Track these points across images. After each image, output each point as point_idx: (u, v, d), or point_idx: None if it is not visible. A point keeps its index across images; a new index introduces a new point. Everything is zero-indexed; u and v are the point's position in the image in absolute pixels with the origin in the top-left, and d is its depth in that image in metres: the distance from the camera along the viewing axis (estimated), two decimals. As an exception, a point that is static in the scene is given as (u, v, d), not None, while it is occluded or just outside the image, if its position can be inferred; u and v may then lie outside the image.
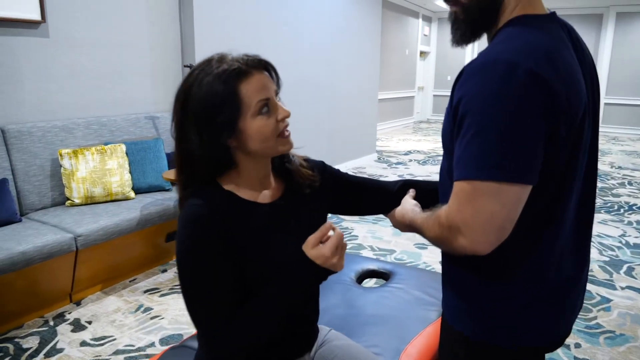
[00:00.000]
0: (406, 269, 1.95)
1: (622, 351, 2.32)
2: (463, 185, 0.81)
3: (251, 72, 0.96)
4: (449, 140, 0.90)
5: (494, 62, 0.79)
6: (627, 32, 10.72)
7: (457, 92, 0.85)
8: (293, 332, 1.12)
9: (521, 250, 0.88)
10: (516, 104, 0.77)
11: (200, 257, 0.93)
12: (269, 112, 0.97)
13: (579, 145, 0.87)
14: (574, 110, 0.82)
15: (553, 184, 0.85)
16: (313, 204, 1.13)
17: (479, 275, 0.93)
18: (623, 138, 10.48)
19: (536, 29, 0.86)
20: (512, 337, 0.93)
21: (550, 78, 0.78)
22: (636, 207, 4.90)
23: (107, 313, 2.62)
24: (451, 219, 0.82)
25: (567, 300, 0.96)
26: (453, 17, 0.96)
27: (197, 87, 0.94)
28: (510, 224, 0.81)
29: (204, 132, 0.95)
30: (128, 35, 3.52)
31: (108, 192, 3.04)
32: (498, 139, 0.77)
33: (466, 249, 0.82)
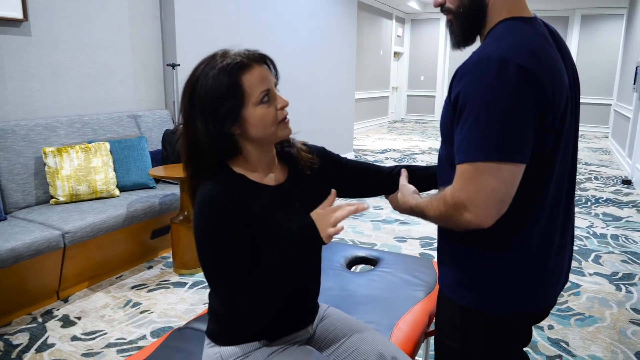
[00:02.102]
0: (393, 255, 2.05)
1: (591, 331, 2.48)
2: (466, 167, 0.91)
3: (252, 65, 1.06)
4: (447, 130, 1.01)
5: (487, 59, 0.90)
6: (592, 34, 11.14)
7: (455, 87, 0.96)
8: (298, 306, 1.21)
9: (514, 223, 0.99)
10: (509, 95, 0.88)
11: (217, 231, 1.02)
12: (269, 101, 1.07)
13: (562, 131, 0.99)
14: (558, 100, 0.94)
15: (541, 164, 0.97)
16: (315, 186, 1.23)
17: (474, 249, 1.03)
18: (589, 136, 10.89)
19: (522, 29, 0.97)
20: (503, 305, 1.04)
21: (536, 72, 0.90)
22: (602, 200, 5.14)
23: (95, 309, 2.65)
24: (456, 197, 0.93)
25: (553, 271, 1.07)
26: (449, 24, 1.08)
27: (204, 80, 1.04)
28: (509, 198, 0.92)
29: (210, 120, 1.04)
30: (110, 34, 3.54)
31: (93, 190, 3.05)
32: (495, 126, 0.88)
33: (471, 223, 0.92)
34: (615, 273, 3.22)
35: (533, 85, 0.89)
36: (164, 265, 3.24)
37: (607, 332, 2.47)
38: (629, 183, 5.92)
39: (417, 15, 13.06)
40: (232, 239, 1.03)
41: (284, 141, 1.23)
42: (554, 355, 2.25)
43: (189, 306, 2.68)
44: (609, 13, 10.93)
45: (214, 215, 1.02)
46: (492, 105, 0.89)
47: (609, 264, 3.36)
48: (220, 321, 1.15)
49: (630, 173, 6.19)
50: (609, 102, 10.98)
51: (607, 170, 6.89)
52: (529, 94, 0.89)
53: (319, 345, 1.26)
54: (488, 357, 1.09)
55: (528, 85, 0.89)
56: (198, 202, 1.04)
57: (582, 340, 2.38)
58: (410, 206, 1.13)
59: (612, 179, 6.28)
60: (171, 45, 3.92)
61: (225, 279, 1.02)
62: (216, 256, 1.02)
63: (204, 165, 1.08)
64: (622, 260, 3.45)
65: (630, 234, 4.04)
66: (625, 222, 4.36)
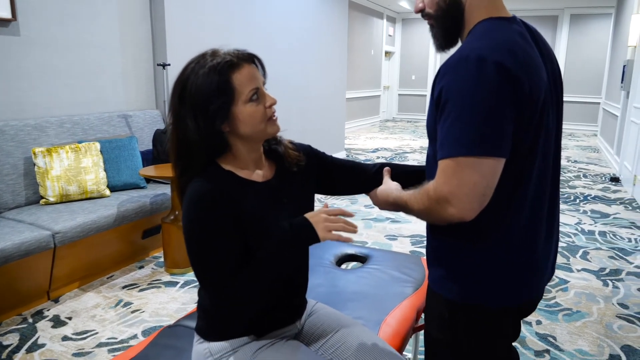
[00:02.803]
0: (382, 252, 2.07)
1: (578, 326, 2.52)
2: (448, 162, 0.94)
3: (242, 64, 1.08)
4: (433, 130, 1.04)
5: (466, 57, 0.93)
6: (581, 33, 11.24)
7: (437, 85, 0.98)
8: (286, 301, 1.22)
9: (495, 217, 1.01)
10: (488, 92, 0.91)
11: (207, 226, 1.03)
12: (258, 99, 1.10)
13: (541, 126, 1.01)
14: (536, 96, 0.96)
15: (521, 159, 0.99)
16: (301, 183, 1.26)
17: (459, 243, 1.06)
18: (578, 134, 10.99)
19: (500, 28, 1.00)
20: (489, 297, 1.06)
21: (514, 68, 0.92)
22: (590, 198, 5.20)
23: (86, 309, 2.64)
24: (439, 191, 0.95)
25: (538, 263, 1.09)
26: (431, 28, 1.12)
27: (194, 78, 1.06)
28: (490, 192, 0.95)
29: (200, 118, 1.06)
30: (99, 34, 3.53)
31: (83, 190, 3.05)
32: (475, 121, 0.91)
33: (454, 216, 0.94)
34: (603, 269, 3.26)
35: (510, 81, 0.92)
36: (155, 264, 3.24)
37: (594, 326, 2.51)
38: (617, 180, 5.99)
39: (408, 14, 13.11)
40: (221, 236, 1.04)
41: (271, 139, 1.26)
42: (541, 350, 2.29)
43: (180, 305, 2.68)
44: (598, 12, 11.04)
45: (204, 212, 1.03)
46: (471, 102, 0.91)
47: (596, 260, 3.41)
48: (209, 317, 1.17)
49: (618, 171, 6.26)
50: (598, 100, 11.09)
51: (596, 168, 6.97)
52: (507, 89, 0.91)
53: (306, 340, 1.27)
54: (476, 350, 1.11)
55: (505, 82, 0.91)
56: (187, 199, 1.06)
57: (570, 335, 2.42)
58: (394, 198, 1.14)
59: (601, 176, 6.35)
60: (161, 45, 3.92)
61: (214, 276, 1.04)
62: (205, 253, 1.04)
63: (194, 163, 1.10)
64: (610, 256, 3.50)
65: (617, 230, 4.09)
66: (612, 219, 4.41)
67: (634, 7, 6.36)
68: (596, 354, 2.26)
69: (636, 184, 5.10)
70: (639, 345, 2.34)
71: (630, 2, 6.77)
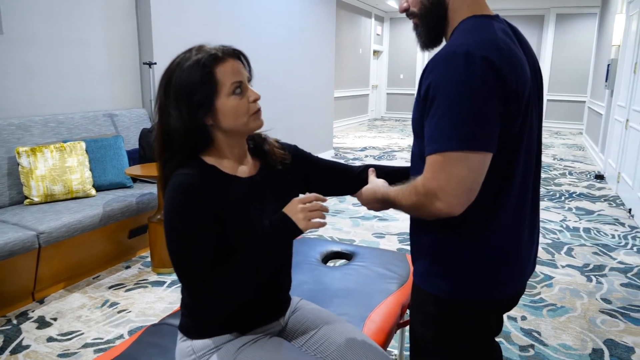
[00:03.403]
0: (367, 249, 2.08)
1: (562, 321, 2.55)
2: (436, 157, 0.95)
3: (226, 58, 1.10)
4: (419, 127, 1.05)
5: (453, 53, 0.94)
6: (566, 33, 11.37)
7: (424, 81, 0.99)
8: (269, 298, 1.23)
9: (482, 212, 1.03)
10: (475, 87, 0.92)
11: (189, 218, 1.04)
12: (241, 93, 1.11)
13: (525, 122, 1.03)
14: (521, 91, 0.98)
15: (507, 153, 1.01)
16: (286, 181, 1.26)
17: (444, 238, 1.07)
18: (564, 132, 11.11)
19: (484, 26, 1.01)
20: (473, 292, 1.07)
21: (499, 63, 0.94)
22: (575, 195, 5.26)
23: (72, 309, 2.62)
24: (427, 186, 0.96)
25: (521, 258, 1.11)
26: (415, 27, 1.13)
27: (179, 71, 1.08)
28: (477, 187, 0.96)
29: (184, 108, 1.07)
30: (84, 32, 3.50)
31: (68, 190, 3.02)
32: (462, 116, 0.92)
33: (442, 211, 0.95)
34: (587, 265, 3.30)
35: (497, 76, 0.93)
36: (142, 264, 3.22)
37: (577, 321, 2.54)
38: (601, 178, 6.07)
39: (396, 14, 13.15)
40: (204, 229, 1.04)
41: (257, 136, 1.27)
42: (526, 345, 2.31)
43: (167, 305, 2.67)
44: (583, 12, 11.16)
45: (188, 204, 1.04)
46: (459, 97, 0.92)
47: (580, 256, 3.45)
48: (192, 314, 1.17)
49: (603, 168, 6.35)
50: (583, 99, 11.22)
51: (581, 165, 7.05)
52: (494, 84, 0.93)
53: (290, 336, 1.28)
54: (461, 345, 1.12)
55: (492, 77, 0.92)
56: (171, 189, 1.05)
57: (554, 330, 2.45)
58: (381, 194, 1.15)
59: (586, 174, 6.43)
60: (147, 44, 3.89)
61: (195, 270, 1.04)
62: (188, 246, 1.04)
63: (176, 154, 1.11)
64: (594, 252, 3.54)
65: (601, 227, 4.15)
66: (597, 216, 4.47)
67: (617, 7, 6.44)
68: (579, 348, 2.29)
69: (620, 182, 5.17)
70: (621, 339, 2.38)
71: (615, 2, 6.86)
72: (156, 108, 1.12)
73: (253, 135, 1.28)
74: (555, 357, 2.22)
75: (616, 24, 6.18)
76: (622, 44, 5.88)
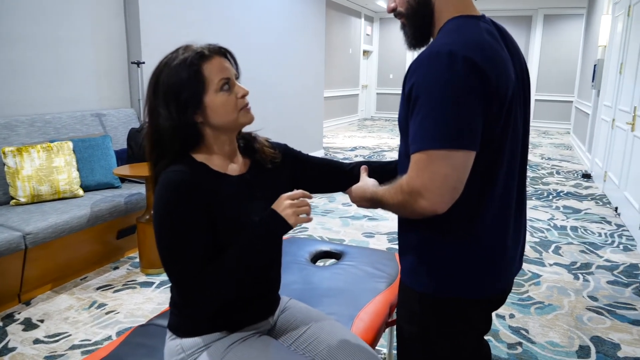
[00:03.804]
0: (356, 248, 2.09)
1: (550, 318, 2.57)
2: (420, 155, 0.95)
3: (212, 55, 1.11)
4: (405, 126, 1.05)
5: (437, 53, 0.95)
6: (554, 33, 11.48)
7: (408, 81, 1.00)
8: (259, 296, 1.23)
9: (466, 210, 1.03)
10: (457, 86, 0.93)
11: (179, 216, 1.03)
12: (229, 89, 1.12)
13: (508, 122, 1.04)
14: (503, 91, 0.99)
15: (490, 153, 1.02)
16: (275, 179, 1.27)
17: (430, 236, 1.07)
18: (552, 132, 11.22)
19: (469, 26, 1.02)
20: (459, 290, 1.08)
21: (482, 64, 0.94)
22: (563, 194, 5.32)
23: (59, 311, 2.60)
24: (412, 184, 0.96)
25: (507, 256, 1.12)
26: (402, 26, 1.15)
27: (167, 70, 1.09)
28: (461, 185, 0.96)
29: (172, 107, 1.08)
30: (72, 31, 3.47)
31: (55, 190, 3.00)
32: (446, 115, 0.93)
33: (426, 209, 0.96)
34: (574, 263, 3.34)
35: (478, 75, 0.94)
36: (131, 265, 3.20)
37: (565, 319, 2.57)
38: (588, 177, 6.14)
39: (386, 14, 13.16)
40: (195, 227, 1.04)
41: (247, 135, 1.27)
42: (514, 343, 2.33)
43: (156, 305, 2.66)
44: (570, 13, 11.28)
45: (179, 202, 1.03)
46: (442, 96, 0.93)
47: (568, 255, 3.49)
48: (181, 313, 1.16)
49: (590, 167, 6.42)
50: (571, 99, 11.33)
51: (569, 165, 7.12)
52: (476, 83, 0.94)
53: (279, 336, 1.28)
54: (447, 343, 1.13)
55: (475, 76, 0.93)
56: (162, 186, 1.05)
57: (542, 328, 2.47)
58: (370, 194, 1.15)
59: (573, 173, 6.50)
60: (136, 43, 3.87)
61: (186, 268, 1.03)
62: (178, 244, 1.03)
63: (167, 152, 1.11)
64: (581, 250, 3.58)
65: (588, 225, 4.20)
66: (584, 214, 4.52)
67: (604, 8, 6.52)
68: (567, 345, 2.32)
69: (606, 180, 5.23)
70: (607, 336, 2.41)
71: (601, 3, 6.94)
72: (146, 108, 1.12)
73: (243, 134, 1.28)
74: (543, 354, 2.24)
75: (602, 24, 6.25)
76: (608, 44, 5.95)
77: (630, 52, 4.68)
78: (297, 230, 3.98)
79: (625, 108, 4.62)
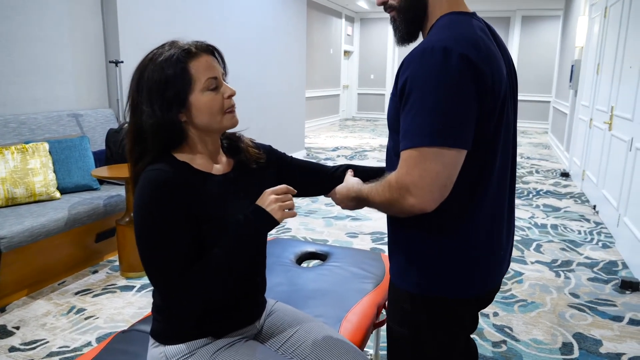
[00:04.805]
0: (342, 249, 2.07)
1: (533, 316, 2.59)
2: (411, 152, 0.94)
3: (200, 53, 1.08)
4: (394, 122, 1.03)
5: (431, 49, 0.93)
6: (532, 34, 11.66)
7: (401, 76, 0.98)
8: (245, 300, 1.20)
9: (458, 208, 1.02)
10: (452, 83, 0.91)
11: (162, 214, 1.00)
12: (216, 89, 1.09)
13: (502, 120, 1.03)
14: (497, 89, 0.98)
15: (483, 151, 1.01)
16: (260, 180, 1.24)
17: (421, 235, 1.06)
18: (530, 131, 11.39)
19: (463, 22, 1.01)
20: (450, 289, 1.07)
21: (477, 61, 0.93)
22: (542, 192, 5.39)
23: (36, 317, 2.52)
24: (401, 181, 0.95)
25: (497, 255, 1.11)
26: (392, 21, 1.12)
27: (152, 66, 1.05)
28: (451, 183, 0.95)
29: (156, 104, 1.04)
30: (47, 29, 3.37)
31: (31, 193, 2.91)
32: (439, 112, 0.91)
33: (415, 207, 0.94)
34: (555, 260, 3.38)
35: (473, 73, 0.92)
36: (110, 269, 3.13)
37: (547, 316, 2.59)
38: (566, 176, 6.24)
39: (367, 14, 13.23)
40: (178, 226, 1.01)
41: (231, 135, 1.25)
42: (499, 341, 2.34)
43: (137, 310, 2.60)
44: (547, 14, 11.47)
45: (161, 200, 1.00)
46: (435, 93, 0.91)
47: (549, 252, 3.53)
48: (165, 319, 1.12)
49: (568, 166, 6.52)
50: (549, 99, 11.52)
51: (547, 164, 7.23)
52: (471, 81, 0.92)
53: (266, 340, 1.25)
54: (437, 343, 1.12)
55: (469, 73, 0.92)
56: (143, 185, 1.01)
57: (525, 325, 2.49)
58: (354, 192, 1.13)
59: (552, 172, 6.60)
60: (114, 42, 3.79)
61: (170, 267, 1.00)
62: (161, 243, 1.00)
63: (148, 150, 1.07)
64: (561, 248, 3.63)
65: (568, 223, 4.26)
66: (563, 212, 4.59)
67: (580, 10, 6.63)
68: (550, 342, 2.34)
69: (585, 179, 5.32)
70: (589, 332, 2.43)
71: (578, 5, 7.06)
72: (128, 105, 1.08)
73: (228, 134, 1.25)
74: (527, 352, 2.25)
75: (579, 26, 6.36)
76: (585, 45, 6.06)
77: (606, 53, 4.76)
78: (280, 230, 3.95)
79: (602, 108, 4.70)
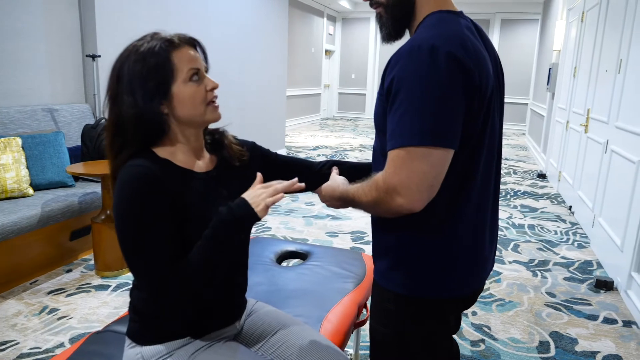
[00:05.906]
0: (322, 248, 2.05)
1: (510, 315, 2.62)
2: (398, 152, 0.92)
3: (182, 45, 1.06)
4: (381, 122, 1.02)
5: (418, 47, 0.92)
6: (511, 37, 11.83)
7: (388, 75, 0.96)
8: (225, 300, 1.17)
9: (443, 208, 1.01)
10: (440, 82, 0.90)
11: (144, 206, 0.97)
12: (199, 80, 1.07)
13: (487, 119, 1.02)
14: (484, 87, 0.97)
15: (469, 150, 1.00)
16: (243, 178, 1.21)
17: (406, 235, 1.05)
18: (509, 133, 11.56)
19: (450, 21, 1.00)
20: (434, 289, 1.06)
21: (464, 59, 0.92)
22: (520, 193, 5.47)
23: (6, 317, 2.44)
24: (389, 181, 0.93)
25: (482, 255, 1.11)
26: (378, 17, 1.10)
27: (134, 56, 1.02)
28: (438, 183, 0.94)
29: (138, 94, 1.01)
30: (20, 21, 3.28)
31: (2, 189, 2.82)
32: (426, 111, 0.90)
33: (403, 207, 0.93)
34: (532, 260, 3.42)
35: (461, 72, 0.92)
36: (85, 267, 3.05)
37: (525, 315, 2.62)
38: (543, 177, 6.34)
39: (348, 14, 13.25)
40: (162, 220, 0.98)
41: (214, 132, 1.22)
42: (477, 340, 2.36)
43: (112, 310, 2.54)
44: (526, 18, 11.65)
45: (143, 193, 0.97)
46: (423, 92, 0.90)
47: (526, 252, 3.58)
48: (143, 319, 1.09)
49: (545, 167, 6.63)
50: (526, 101, 11.71)
51: (525, 165, 7.34)
52: (458, 79, 0.91)
53: (246, 340, 1.23)
54: (422, 343, 1.11)
55: (457, 72, 0.91)
56: (124, 179, 0.98)
57: (503, 324, 2.51)
58: (340, 192, 1.12)
59: (529, 173, 6.70)
60: (91, 36, 3.70)
61: (154, 259, 0.97)
62: (145, 235, 0.97)
63: (129, 143, 1.04)
64: (538, 248, 3.68)
65: (545, 223, 4.32)
66: (540, 213, 4.66)
67: (558, 14, 6.75)
68: (527, 341, 2.36)
69: (561, 180, 5.41)
70: (565, 331, 2.47)
71: (555, 9, 7.18)
72: (107, 96, 1.05)
73: (211, 130, 1.22)
74: (504, 350, 2.27)
75: (557, 29, 6.47)
76: (563, 49, 6.16)
77: (583, 57, 4.85)
78: (260, 229, 3.92)
79: (578, 110, 4.79)
